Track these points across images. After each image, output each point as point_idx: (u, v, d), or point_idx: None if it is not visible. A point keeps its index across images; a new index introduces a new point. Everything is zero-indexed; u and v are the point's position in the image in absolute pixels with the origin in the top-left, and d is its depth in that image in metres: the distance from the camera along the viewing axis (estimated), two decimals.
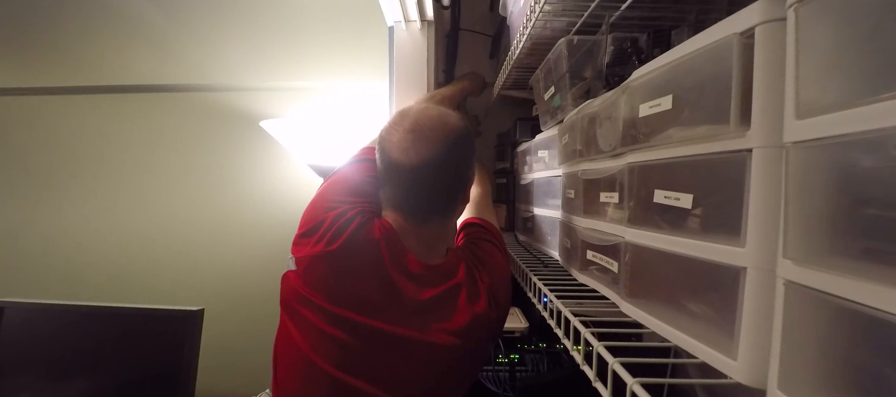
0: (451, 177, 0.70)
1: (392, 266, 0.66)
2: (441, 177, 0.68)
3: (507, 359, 1.01)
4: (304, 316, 0.65)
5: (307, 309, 0.64)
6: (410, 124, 0.68)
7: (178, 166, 1.64)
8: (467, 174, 0.73)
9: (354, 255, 0.65)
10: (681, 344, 0.41)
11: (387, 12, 1.11)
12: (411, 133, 0.67)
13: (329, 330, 0.63)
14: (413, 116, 0.69)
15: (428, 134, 0.67)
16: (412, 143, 0.66)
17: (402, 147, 0.67)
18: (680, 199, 0.40)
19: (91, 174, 1.67)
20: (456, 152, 0.69)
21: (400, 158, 0.67)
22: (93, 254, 1.67)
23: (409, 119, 0.68)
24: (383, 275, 0.65)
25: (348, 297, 0.64)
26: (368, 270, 0.65)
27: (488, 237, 0.81)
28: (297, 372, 0.66)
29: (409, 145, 0.66)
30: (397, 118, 0.70)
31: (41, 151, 1.69)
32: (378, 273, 0.65)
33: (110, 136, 1.66)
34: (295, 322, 0.66)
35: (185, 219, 1.64)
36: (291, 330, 0.66)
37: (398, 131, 0.68)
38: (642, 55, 0.58)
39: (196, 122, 1.62)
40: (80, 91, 1.65)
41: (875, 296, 0.23)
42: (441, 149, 0.66)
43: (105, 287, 1.65)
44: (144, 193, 1.65)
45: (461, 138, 0.69)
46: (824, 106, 0.26)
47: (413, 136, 0.66)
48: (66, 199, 1.68)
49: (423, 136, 0.67)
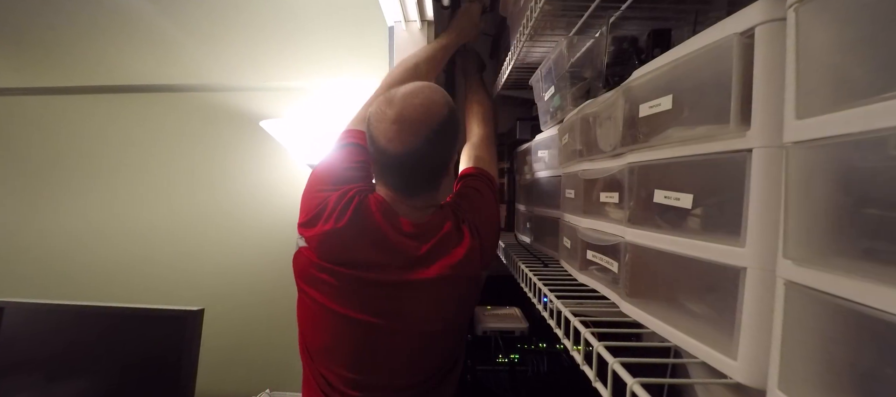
0: (434, 162, 0.76)
1: (390, 231, 0.75)
2: (425, 162, 0.75)
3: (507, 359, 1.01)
4: (323, 279, 0.75)
5: (325, 274, 0.75)
6: (395, 114, 0.72)
7: (177, 166, 1.64)
8: (450, 155, 0.80)
9: (358, 227, 0.75)
10: (681, 344, 0.41)
11: (387, 12, 1.11)
12: (396, 124, 0.71)
13: (346, 286, 0.75)
14: (398, 105, 0.72)
15: (411, 125, 0.72)
16: (397, 134, 0.71)
17: (388, 137, 0.72)
18: (680, 199, 0.40)
19: (91, 174, 1.67)
20: (438, 140, 0.74)
21: (386, 147, 0.73)
22: (93, 253, 1.67)
23: (394, 108, 0.72)
24: (383, 240, 0.75)
25: (358, 261, 0.74)
26: (371, 238, 0.75)
27: (478, 184, 0.89)
28: (324, 326, 0.78)
29: (394, 136, 0.72)
30: (384, 105, 0.74)
31: (41, 151, 1.69)
32: (379, 239, 0.75)
33: (110, 136, 1.66)
34: (315, 287, 0.76)
35: (184, 218, 1.64)
36: (312, 294, 0.77)
37: (384, 121, 0.73)
38: (642, 55, 0.58)
39: (196, 122, 1.62)
40: (79, 91, 1.64)
41: (875, 296, 0.23)
42: (423, 140, 0.72)
43: (105, 286, 1.65)
44: (144, 193, 1.65)
45: (444, 125, 0.74)
46: (824, 106, 0.26)
47: (398, 127, 0.71)
48: (65, 199, 1.68)
49: (407, 127, 0.71)
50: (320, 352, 0.80)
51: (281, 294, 1.57)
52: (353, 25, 1.48)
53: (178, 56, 1.58)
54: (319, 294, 0.76)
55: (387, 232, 0.75)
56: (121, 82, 1.62)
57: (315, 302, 0.77)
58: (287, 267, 0.83)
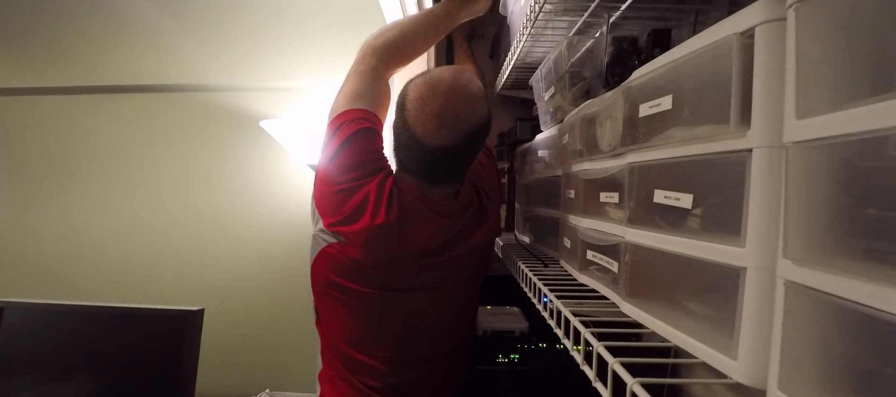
0: (465, 159, 0.77)
1: (432, 216, 0.77)
2: (457, 159, 0.75)
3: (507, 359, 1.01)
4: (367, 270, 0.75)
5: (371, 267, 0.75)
6: (439, 108, 0.69)
7: (177, 166, 1.64)
8: (477, 152, 0.79)
9: (407, 218, 0.74)
10: (681, 344, 0.41)
11: (387, 12, 1.11)
12: (438, 118, 0.69)
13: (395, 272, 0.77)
14: (442, 99, 0.69)
15: (454, 122, 0.70)
16: (437, 129, 0.69)
17: (427, 129, 0.70)
18: (680, 199, 0.40)
19: (90, 174, 1.67)
20: (475, 139, 0.73)
21: (423, 138, 0.70)
22: (92, 253, 1.67)
23: (439, 102, 0.69)
24: (428, 227, 0.76)
25: (409, 251, 0.76)
26: (419, 227, 0.76)
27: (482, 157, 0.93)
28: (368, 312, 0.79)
29: (433, 129, 0.70)
30: (427, 93, 0.70)
31: (40, 151, 1.69)
32: (425, 227, 0.76)
33: (109, 136, 1.66)
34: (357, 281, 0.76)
35: (184, 218, 1.64)
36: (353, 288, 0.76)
37: (425, 113, 0.69)
38: (642, 55, 0.58)
39: (195, 122, 1.62)
40: (78, 91, 1.64)
41: (875, 296, 0.23)
42: (462, 138, 0.71)
43: (105, 287, 1.65)
44: (144, 193, 1.65)
45: (483, 126, 0.73)
46: (824, 106, 0.26)
47: (439, 122, 0.69)
48: (65, 199, 1.68)
49: (448, 124, 0.69)
50: (361, 342, 0.81)
51: (281, 294, 1.58)
52: (353, 25, 1.47)
53: (178, 56, 1.57)
54: (361, 285, 0.76)
55: (430, 218, 0.76)
56: (120, 82, 1.62)
57: (356, 295, 0.77)
58: (287, 266, 0.84)
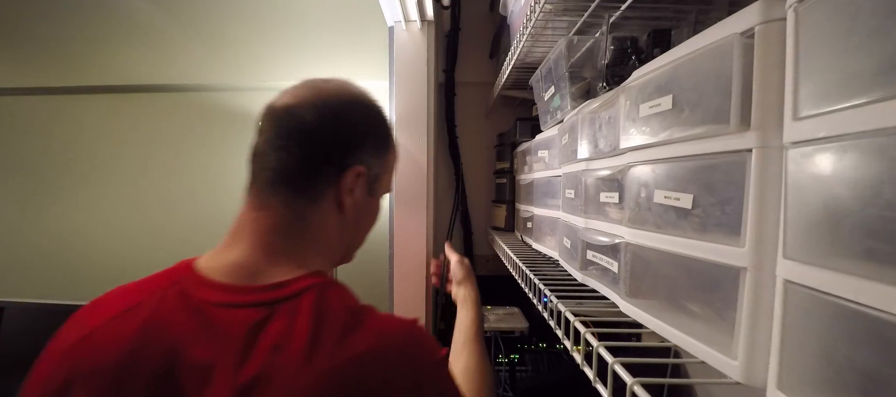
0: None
1: None
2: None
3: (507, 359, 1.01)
4: None
5: None
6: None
7: (177, 166, 1.64)
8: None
9: None
10: (681, 344, 0.41)
11: (387, 12, 1.11)
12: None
13: None
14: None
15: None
16: None
17: None
18: (680, 199, 0.40)
19: (90, 174, 1.67)
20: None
21: None
22: (92, 253, 1.67)
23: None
24: None
25: None
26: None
27: None
28: None
29: None
30: None
31: (40, 151, 1.69)
32: None
33: (109, 136, 1.66)
34: None
35: (184, 218, 1.64)
36: None
37: None
38: (642, 55, 0.58)
39: (195, 122, 1.62)
40: (78, 91, 1.64)
41: (875, 296, 0.23)
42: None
43: (105, 286, 1.63)
44: (144, 193, 1.65)
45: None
46: (824, 106, 0.26)
47: None
48: (65, 199, 1.68)
49: None
50: None
51: None
52: (353, 25, 1.48)
53: (178, 56, 1.57)
54: None
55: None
56: (120, 82, 1.62)
57: None
58: None
